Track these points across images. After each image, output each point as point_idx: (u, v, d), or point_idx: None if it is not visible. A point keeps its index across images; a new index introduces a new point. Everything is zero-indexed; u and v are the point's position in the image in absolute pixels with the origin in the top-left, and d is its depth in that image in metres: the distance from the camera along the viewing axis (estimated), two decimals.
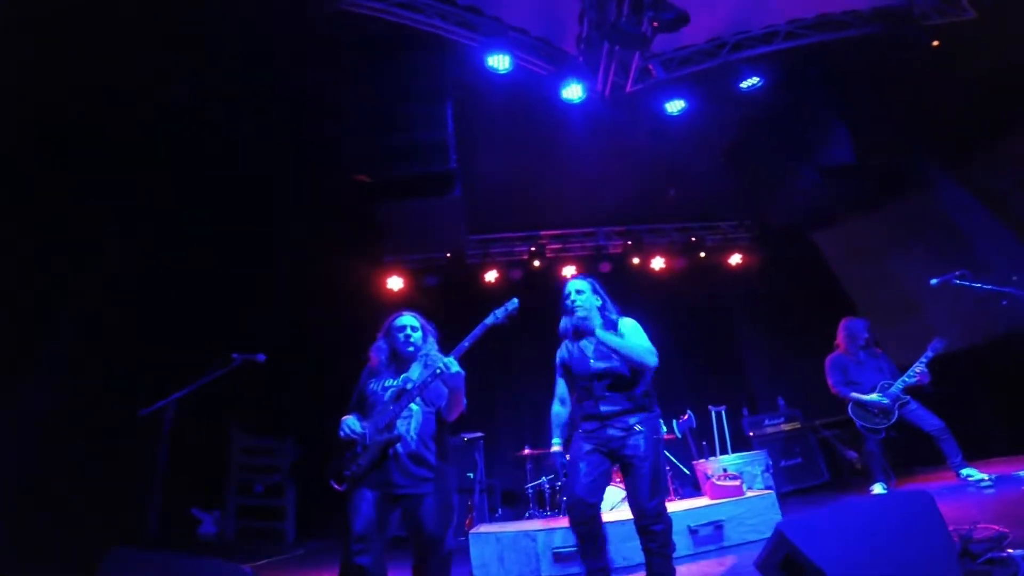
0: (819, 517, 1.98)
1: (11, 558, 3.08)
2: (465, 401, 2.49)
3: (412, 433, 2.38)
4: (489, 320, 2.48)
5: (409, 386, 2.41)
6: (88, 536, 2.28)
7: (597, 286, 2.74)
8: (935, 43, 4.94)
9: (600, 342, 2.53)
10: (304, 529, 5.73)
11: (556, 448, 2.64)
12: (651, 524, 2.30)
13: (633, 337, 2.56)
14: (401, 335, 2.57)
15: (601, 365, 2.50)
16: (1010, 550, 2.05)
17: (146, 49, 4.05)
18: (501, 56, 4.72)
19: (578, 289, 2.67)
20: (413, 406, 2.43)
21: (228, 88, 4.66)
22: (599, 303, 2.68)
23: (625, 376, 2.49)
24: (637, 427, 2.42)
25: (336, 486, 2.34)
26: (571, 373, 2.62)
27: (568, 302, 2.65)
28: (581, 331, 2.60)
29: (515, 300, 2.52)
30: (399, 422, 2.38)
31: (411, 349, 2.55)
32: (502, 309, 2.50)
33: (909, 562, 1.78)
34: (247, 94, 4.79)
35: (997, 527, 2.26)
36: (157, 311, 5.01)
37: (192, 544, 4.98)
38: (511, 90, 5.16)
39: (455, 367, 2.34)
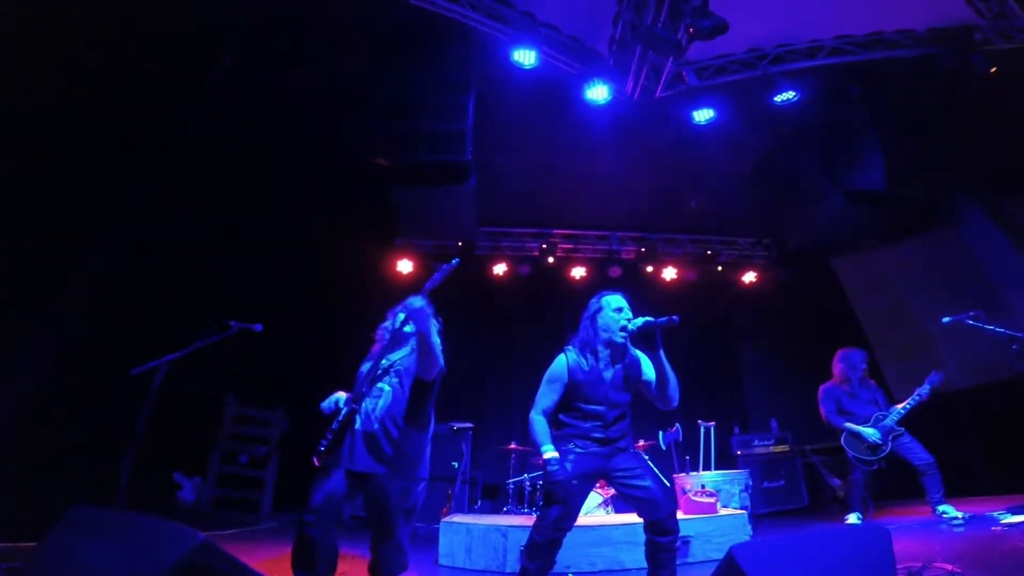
0: (772, 544, 1.97)
1: None
2: (440, 357, 2.43)
3: (377, 412, 2.35)
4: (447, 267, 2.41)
5: (385, 363, 2.38)
6: (64, 495, 2.34)
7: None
8: (993, 69, 4.64)
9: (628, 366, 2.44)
10: (282, 502, 5.73)
11: (551, 455, 2.28)
12: (672, 521, 2.26)
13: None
14: (397, 314, 2.57)
15: (621, 396, 2.44)
16: None
17: (183, 27, 4.09)
18: (527, 51, 4.67)
19: (620, 307, 2.50)
20: (385, 386, 2.42)
21: (254, 65, 4.73)
22: None
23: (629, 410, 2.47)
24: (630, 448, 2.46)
25: (316, 461, 2.32)
26: (580, 392, 2.41)
27: (621, 315, 2.46)
28: (620, 352, 2.46)
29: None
30: (367, 400, 2.37)
31: (405, 329, 2.50)
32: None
33: None
34: (272, 71, 4.86)
35: (951, 567, 2.26)
36: (163, 278, 5.09)
37: (167, 508, 4.99)
38: (537, 86, 5.14)
39: (418, 302, 2.33)
